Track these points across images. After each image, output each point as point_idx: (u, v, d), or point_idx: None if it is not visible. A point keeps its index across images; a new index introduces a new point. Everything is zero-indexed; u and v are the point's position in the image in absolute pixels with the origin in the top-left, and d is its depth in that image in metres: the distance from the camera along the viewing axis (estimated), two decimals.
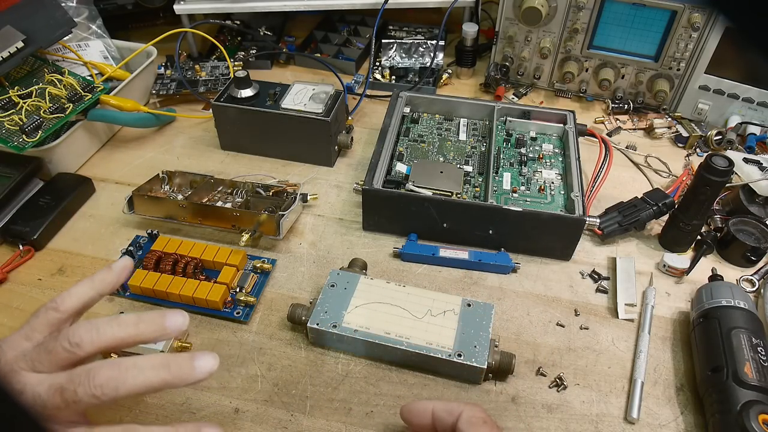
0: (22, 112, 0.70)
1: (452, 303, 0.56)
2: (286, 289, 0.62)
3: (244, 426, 0.51)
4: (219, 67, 0.90)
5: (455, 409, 0.41)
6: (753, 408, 0.46)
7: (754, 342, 0.51)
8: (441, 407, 0.42)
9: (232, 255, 0.62)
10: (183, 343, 0.55)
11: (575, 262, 0.65)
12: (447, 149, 0.73)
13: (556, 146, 0.73)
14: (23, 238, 0.65)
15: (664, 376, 0.55)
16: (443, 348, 0.52)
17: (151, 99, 0.88)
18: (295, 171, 0.77)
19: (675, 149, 0.81)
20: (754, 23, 0.20)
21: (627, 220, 0.65)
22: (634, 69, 0.84)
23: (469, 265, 0.64)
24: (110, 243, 0.67)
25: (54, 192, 0.70)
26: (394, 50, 0.95)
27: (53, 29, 0.76)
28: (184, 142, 0.82)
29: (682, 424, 0.51)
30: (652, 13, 0.78)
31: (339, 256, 0.66)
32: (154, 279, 0.59)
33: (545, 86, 0.91)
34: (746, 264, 0.64)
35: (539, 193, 0.67)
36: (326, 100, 0.73)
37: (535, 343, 0.57)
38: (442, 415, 0.41)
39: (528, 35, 0.86)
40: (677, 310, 0.60)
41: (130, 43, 0.90)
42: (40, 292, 0.62)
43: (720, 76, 0.79)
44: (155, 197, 0.67)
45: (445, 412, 0.41)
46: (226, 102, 0.75)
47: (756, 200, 0.68)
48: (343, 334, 0.53)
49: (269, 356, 0.56)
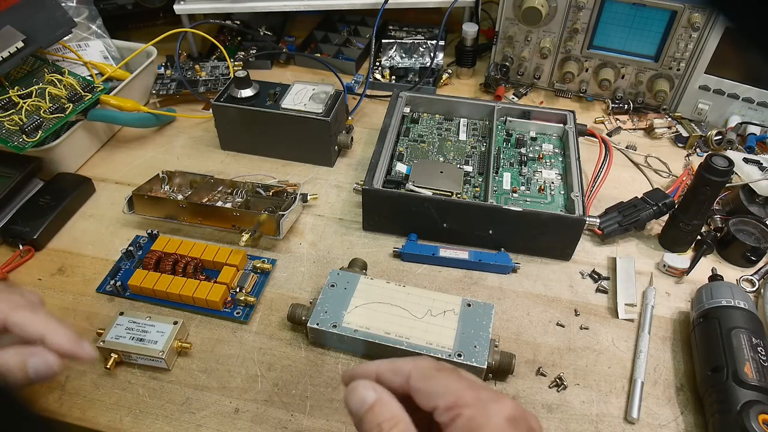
0: (22, 112, 0.70)
1: (452, 303, 0.56)
2: (286, 289, 0.62)
3: (244, 426, 0.51)
4: (219, 67, 0.90)
5: (403, 368, 0.34)
6: (753, 408, 0.46)
7: (754, 342, 0.51)
8: (386, 367, 0.35)
9: (232, 255, 0.62)
10: (183, 343, 0.55)
11: (575, 262, 0.65)
12: (447, 149, 0.73)
13: (556, 146, 0.73)
14: (23, 238, 0.65)
15: (664, 376, 0.55)
16: (443, 348, 0.52)
17: (151, 99, 0.88)
18: (295, 171, 0.77)
19: (675, 149, 0.81)
20: (754, 23, 0.20)
21: (627, 220, 0.65)
22: (634, 69, 0.84)
23: (469, 265, 0.64)
24: (110, 243, 0.67)
25: (54, 192, 0.70)
26: (394, 50, 0.95)
27: (53, 29, 0.76)
28: (184, 142, 0.82)
29: (682, 424, 0.51)
30: (652, 13, 0.78)
31: (339, 256, 0.66)
32: (154, 279, 0.59)
33: (545, 86, 0.91)
34: (746, 264, 0.64)
35: (539, 193, 0.67)
36: (326, 100, 0.73)
37: (535, 343, 0.57)
38: (389, 376, 0.35)
39: (528, 35, 0.86)
40: (677, 310, 0.60)
41: (130, 43, 0.90)
42: (40, 292, 0.62)
43: (720, 76, 0.79)
44: (155, 197, 0.67)
45: (391, 372, 0.35)
46: (226, 102, 0.75)
47: (756, 200, 0.68)
48: (343, 334, 0.53)
49: (269, 356, 0.56)
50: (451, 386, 0.33)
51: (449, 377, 0.34)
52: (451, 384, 0.33)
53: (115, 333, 0.54)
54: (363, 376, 0.35)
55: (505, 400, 0.33)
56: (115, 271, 0.63)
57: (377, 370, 0.35)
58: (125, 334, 0.54)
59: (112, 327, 0.55)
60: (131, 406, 0.52)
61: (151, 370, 0.54)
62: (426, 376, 0.34)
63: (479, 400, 0.32)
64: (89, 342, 0.43)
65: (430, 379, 0.33)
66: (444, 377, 0.33)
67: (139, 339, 0.54)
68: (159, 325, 0.55)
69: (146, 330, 0.54)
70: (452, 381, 0.33)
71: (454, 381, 0.33)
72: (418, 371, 0.34)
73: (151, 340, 0.54)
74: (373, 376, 0.35)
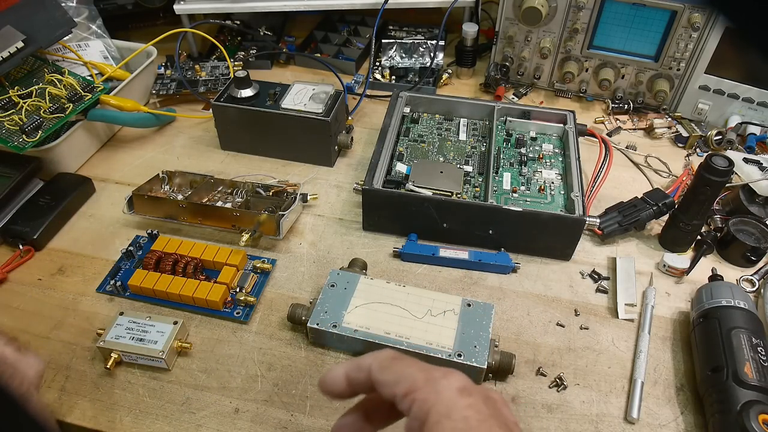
0: (22, 112, 0.70)
1: (452, 303, 0.56)
2: (286, 289, 0.62)
3: (244, 426, 0.51)
4: (219, 67, 0.90)
5: (364, 363, 0.35)
6: (753, 408, 0.46)
7: (754, 342, 0.51)
8: (351, 367, 0.36)
9: (232, 255, 0.62)
10: (183, 343, 0.55)
11: (575, 262, 0.65)
12: (447, 149, 0.73)
13: (556, 146, 0.73)
14: (23, 238, 0.65)
15: (664, 376, 0.55)
16: (443, 348, 0.52)
17: (151, 99, 0.88)
18: (295, 171, 0.77)
19: (675, 149, 0.81)
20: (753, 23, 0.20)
21: (627, 220, 0.65)
22: (634, 69, 0.84)
23: (469, 265, 0.64)
24: (110, 243, 0.67)
25: (54, 192, 0.70)
26: (394, 50, 0.95)
27: (53, 29, 0.76)
28: (184, 142, 0.82)
29: (682, 424, 0.51)
30: (652, 13, 0.78)
31: (339, 256, 0.66)
32: (154, 279, 0.59)
33: (545, 86, 0.91)
34: (746, 264, 0.64)
35: (539, 193, 0.67)
36: (326, 100, 0.73)
37: (535, 343, 0.57)
38: (354, 374, 0.36)
39: (528, 35, 0.86)
40: (677, 310, 0.60)
41: (130, 43, 0.90)
42: (40, 292, 0.62)
43: (720, 76, 0.79)
44: (155, 197, 0.67)
45: (355, 370, 0.36)
46: (226, 102, 0.75)
47: (756, 200, 0.68)
48: (343, 334, 0.53)
49: (269, 356, 0.56)
50: (406, 372, 0.33)
51: (405, 364, 0.34)
52: (406, 370, 0.33)
53: (115, 333, 0.54)
54: (335, 379, 0.36)
55: (454, 374, 0.33)
56: (115, 271, 0.63)
57: (345, 372, 0.36)
58: (125, 334, 0.54)
59: (112, 327, 0.55)
60: (131, 406, 0.52)
61: (151, 370, 0.54)
62: (384, 366, 0.34)
63: (429, 380, 0.32)
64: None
65: (388, 369, 0.34)
66: (400, 365, 0.34)
67: (139, 339, 0.54)
68: (159, 325, 0.55)
69: (146, 330, 0.54)
70: (407, 367, 0.34)
71: (409, 367, 0.34)
72: (376, 363, 0.34)
73: (151, 340, 0.54)
74: (342, 377, 0.36)
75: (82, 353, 0.56)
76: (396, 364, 0.34)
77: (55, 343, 0.57)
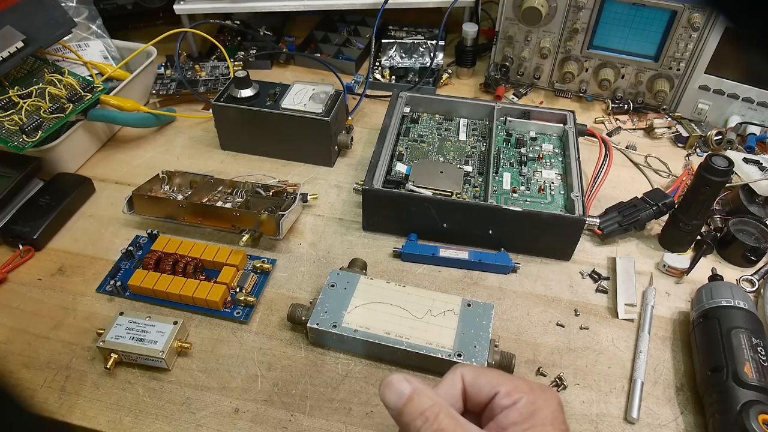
0: (22, 112, 0.70)
1: (452, 303, 0.56)
2: (286, 289, 0.62)
3: (244, 426, 0.51)
4: (219, 67, 0.90)
5: (454, 380, 0.35)
6: (753, 408, 0.46)
7: (754, 342, 0.51)
8: (442, 391, 0.35)
9: (232, 255, 0.62)
10: (183, 343, 0.55)
11: (575, 262, 0.65)
12: (447, 149, 0.73)
13: (556, 146, 0.73)
14: (23, 238, 0.65)
15: (664, 376, 0.55)
16: (443, 348, 0.52)
17: (151, 99, 0.88)
18: (295, 171, 0.77)
19: (675, 149, 0.81)
20: (754, 23, 0.20)
21: (627, 220, 0.65)
22: (634, 69, 0.84)
23: (469, 265, 0.64)
24: (110, 243, 0.67)
25: (54, 192, 0.70)
26: (394, 50, 0.95)
27: (53, 29, 0.76)
28: (184, 142, 0.82)
29: (682, 424, 0.51)
30: (652, 13, 0.78)
31: (339, 256, 0.66)
32: (154, 279, 0.59)
33: (545, 86, 0.91)
34: (746, 264, 0.64)
35: (539, 193, 0.67)
36: (326, 100, 0.73)
37: (535, 343, 0.57)
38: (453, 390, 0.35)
39: (528, 35, 0.86)
40: (677, 310, 0.60)
41: (130, 43, 0.90)
42: (40, 292, 0.62)
43: (720, 76, 0.79)
44: (155, 197, 0.67)
45: (447, 387, 0.35)
46: (226, 102, 0.75)
47: (756, 200, 0.68)
48: (343, 334, 0.53)
49: (269, 356, 0.56)
50: (505, 377, 0.35)
51: (497, 372, 0.36)
52: (503, 376, 0.35)
53: (115, 333, 0.54)
54: (421, 404, 0.33)
55: (552, 391, 0.36)
56: (115, 271, 0.63)
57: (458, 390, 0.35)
58: (125, 334, 0.54)
59: (112, 327, 0.55)
60: (131, 406, 0.52)
61: (151, 370, 0.54)
62: (479, 372, 0.36)
63: (533, 388, 0.35)
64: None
65: (485, 372, 0.35)
66: (493, 372, 0.36)
67: (139, 339, 0.54)
68: (159, 325, 0.55)
69: (146, 330, 0.54)
70: (502, 374, 0.36)
71: (503, 374, 0.36)
72: (469, 371, 0.36)
73: (151, 340, 0.54)
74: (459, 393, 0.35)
75: (82, 353, 0.56)
76: (490, 370, 0.36)
77: (55, 343, 0.57)
